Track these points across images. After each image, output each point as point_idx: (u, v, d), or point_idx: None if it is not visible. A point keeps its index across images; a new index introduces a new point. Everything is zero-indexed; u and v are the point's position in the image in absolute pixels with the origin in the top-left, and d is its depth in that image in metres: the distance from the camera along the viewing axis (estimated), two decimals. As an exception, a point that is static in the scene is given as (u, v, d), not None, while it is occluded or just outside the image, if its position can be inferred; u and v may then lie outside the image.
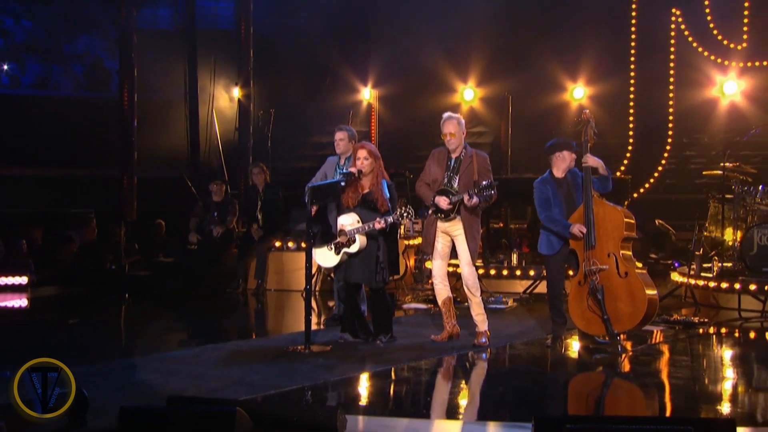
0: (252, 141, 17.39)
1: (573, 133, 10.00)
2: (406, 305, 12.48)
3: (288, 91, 19.05)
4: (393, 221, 9.02)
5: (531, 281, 13.47)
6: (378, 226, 9.01)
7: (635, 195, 16.66)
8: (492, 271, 13.80)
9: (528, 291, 13.39)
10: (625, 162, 17.49)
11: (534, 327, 10.79)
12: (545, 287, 10.21)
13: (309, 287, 9.44)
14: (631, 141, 17.72)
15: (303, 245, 11.56)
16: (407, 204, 9.22)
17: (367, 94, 19.45)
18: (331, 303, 11.54)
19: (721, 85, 17.29)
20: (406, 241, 13.75)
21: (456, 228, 9.33)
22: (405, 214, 8.94)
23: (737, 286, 11.86)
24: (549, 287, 9.77)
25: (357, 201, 9.26)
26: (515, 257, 14.01)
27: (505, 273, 13.82)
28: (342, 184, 9.29)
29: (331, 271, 10.28)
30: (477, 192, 9.00)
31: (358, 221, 9.13)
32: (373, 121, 19.43)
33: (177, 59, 19.37)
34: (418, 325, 10.68)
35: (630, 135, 17.74)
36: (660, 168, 17.60)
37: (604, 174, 9.16)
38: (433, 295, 9.96)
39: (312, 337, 9.14)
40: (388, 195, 9.22)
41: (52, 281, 14.83)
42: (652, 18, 17.57)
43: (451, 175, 9.30)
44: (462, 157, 9.31)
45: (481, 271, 13.01)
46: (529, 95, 18.07)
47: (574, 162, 9.35)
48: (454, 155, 9.33)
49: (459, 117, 9.42)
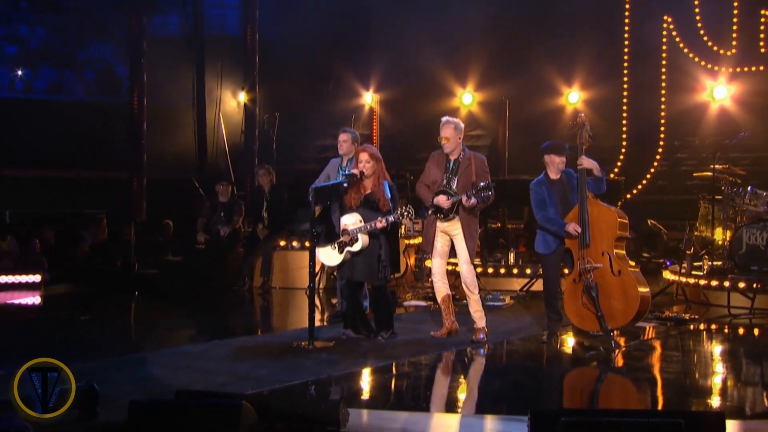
0: (257, 143, 17.39)
1: (569, 136, 9.99)
2: (406, 302, 12.48)
3: (292, 96, 19.05)
4: (394, 220, 9.02)
5: (527, 279, 13.46)
6: (379, 225, 9.02)
7: (628, 196, 16.61)
8: (490, 270, 13.79)
9: (524, 289, 13.40)
10: (619, 164, 17.48)
11: (530, 323, 10.78)
12: (541, 285, 10.23)
13: (312, 285, 9.44)
14: (625, 144, 17.71)
15: (307, 244, 11.54)
16: (407, 204, 9.22)
17: (369, 98, 19.46)
18: (334, 300, 11.55)
19: (711, 90, 17.27)
20: (406, 240, 13.75)
21: (455, 228, 9.33)
22: (405, 213, 8.94)
23: (727, 284, 11.86)
24: (545, 285, 9.77)
25: (360, 201, 9.26)
26: (512, 256, 14.00)
27: (503, 271, 13.80)
28: (344, 185, 9.29)
29: (335, 270, 10.28)
30: (475, 193, 9.01)
31: (360, 221, 9.13)
32: (375, 125, 19.44)
33: (185, 65, 19.37)
34: (418, 322, 10.68)
35: (623, 138, 17.73)
36: (652, 170, 17.59)
37: (598, 175, 9.16)
38: (433, 293, 9.95)
39: (315, 334, 9.14)
40: (389, 195, 9.22)
41: (64, 279, 14.83)
42: (644, 25, 17.55)
43: (450, 177, 9.30)
44: (460, 160, 9.31)
45: (480, 270, 13.01)
46: (526, 99, 18.07)
47: (563, 164, 9.35)
48: (452, 157, 9.33)
49: (456, 121, 9.41)
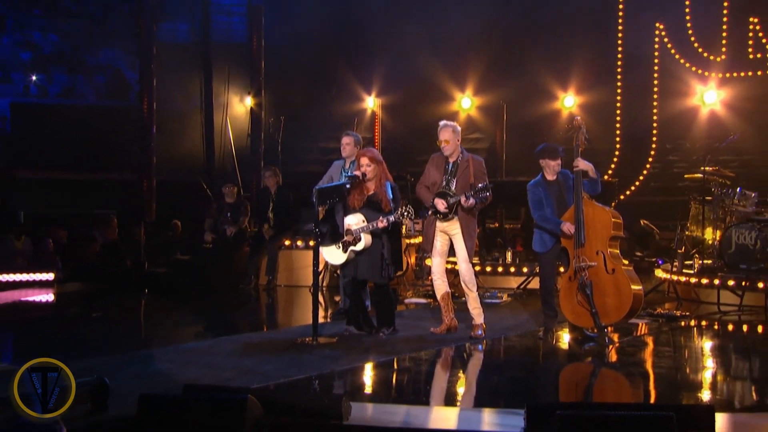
0: (263, 146, 17.38)
1: (565, 139, 10.00)
2: (407, 300, 12.48)
3: (297, 100, 19.06)
4: (394, 220, 9.02)
5: (524, 277, 13.47)
6: (381, 224, 9.03)
7: (622, 197, 16.65)
8: (488, 268, 13.79)
9: (521, 287, 13.40)
10: (613, 166, 17.49)
11: (527, 320, 10.79)
12: (538, 283, 10.22)
13: (316, 283, 9.45)
14: (618, 146, 17.72)
15: (311, 244, 11.55)
16: (407, 204, 9.23)
17: (371, 102, 19.47)
18: (337, 298, 11.55)
19: (702, 95, 17.29)
20: (407, 240, 13.75)
21: (454, 227, 9.34)
22: (405, 213, 8.95)
23: (716, 281, 11.88)
24: (541, 283, 9.78)
25: (362, 202, 9.27)
26: (510, 255, 14.01)
27: (500, 270, 13.81)
28: (347, 186, 9.29)
29: (338, 268, 10.29)
30: (473, 194, 9.02)
31: (363, 221, 9.14)
32: (377, 128, 19.45)
33: (193, 70, 19.38)
34: (418, 319, 10.67)
35: (617, 141, 17.74)
36: (645, 172, 17.60)
37: (593, 177, 9.16)
38: (433, 291, 9.95)
39: (319, 330, 9.14)
40: (391, 196, 9.22)
41: (76, 278, 14.84)
42: (637, 32, 17.57)
43: (449, 179, 9.31)
44: (459, 162, 9.32)
45: (478, 268, 13.01)
46: (523, 103, 18.08)
47: (558, 166, 9.35)
48: (451, 159, 9.34)
49: (454, 125, 9.43)
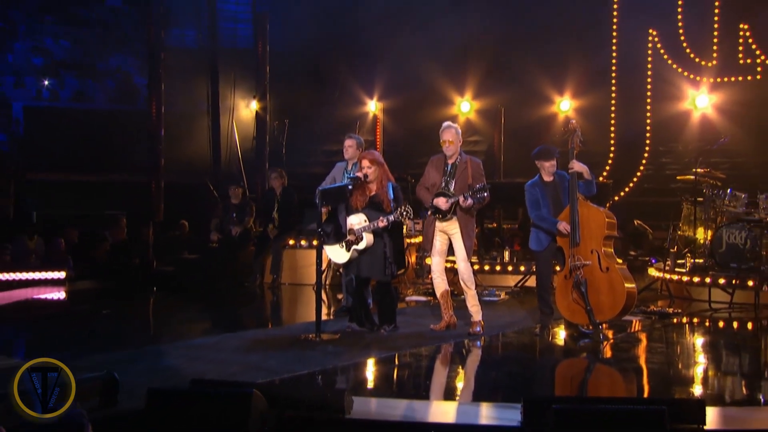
0: (268, 149, 17.39)
1: (561, 141, 10.00)
2: (408, 298, 12.47)
3: (301, 104, 19.04)
4: (394, 219, 9.04)
5: (521, 276, 13.47)
6: (381, 224, 9.04)
7: (616, 198, 16.64)
8: (486, 267, 13.80)
9: (519, 285, 13.40)
10: (607, 168, 17.47)
11: (524, 317, 10.79)
12: (534, 281, 10.24)
13: (319, 281, 9.45)
14: (613, 149, 17.70)
15: (314, 243, 11.57)
16: (406, 204, 9.23)
17: (373, 106, 19.46)
18: (340, 296, 11.55)
19: (694, 99, 17.27)
20: (408, 240, 13.73)
21: (453, 227, 9.35)
22: (404, 212, 8.97)
23: (708, 280, 11.87)
24: (538, 280, 9.81)
25: (365, 203, 9.28)
26: (507, 254, 14.01)
27: (498, 268, 13.82)
28: (349, 187, 9.30)
29: (341, 267, 10.31)
30: (471, 194, 9.03)
31: (365, 221, 9.15)
32: (378, 131, 19.44)
33: (200, 75, 19.38)
34: (418, 316, 10.68)
35: (611, 144, 17.72)
36: (639, 173, 17.58)
37: (588, 179, 9.17)
38: (433, 289, 9.96)
39: (322, 327, 9.15)
40: (392, 196, 9.24)
41: (87, 276, 14.83)
42: (631, 38, 17.55)
43: (448, 180, 9.32)
44: (458, 163, 9.33)
45: (476, 267, 13.00)
46: (520, 107, 18.07)
47: (554, 167, 9.37)
48: (450, 161, 9.36)
49: (457, 126, 9.47)
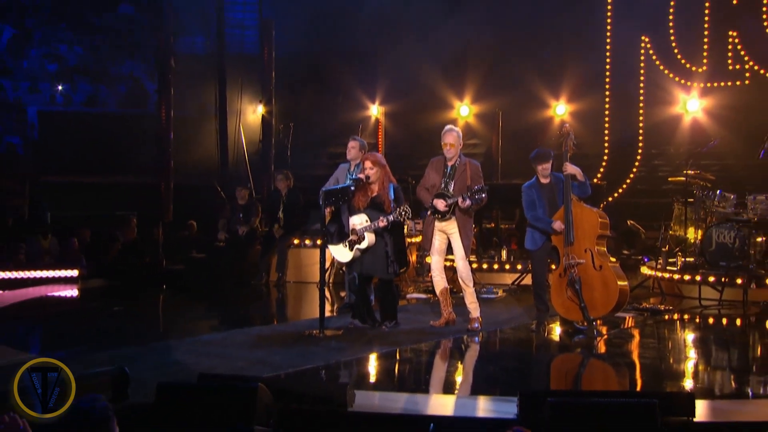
0: (274, 151, 17.38)
1: (555, 145, 10.01)
2: (408, 295, 12.47)
3: (305, 108, 19.04)
4: (393, 219, 9.05)
5: (518, 274, 13.47)
6: (381, 224, 9.05)
7: (610, 199, 16.63)
8: (484, 265, 13.81)
9: (515, 283, 13.40)
10: (601, 170, 17.44)
11: (521, 314, 10.80)
12: (531, 280, 10.24)
13: (323, 279, 9.46)
14: (607, 152, 17.68)
15: (318, 242, 11.57)
16: (407, 205, 9.23)
17: (375, 110, 19.45)
18: (343, 293, 11.56)
19: (685, 103, 17.24)
20: (409, 239, 13.73)
21: (452, 227, 9.35)
22: (403, 212, 8.98)
23: (698, 278, 11.86)
24: (533, 279, 9.82)
25: (367, 203, 9.28)
26: (504, 253, 14.02)
27: (496, 267, 13.83)
28: (352, 188, 9.30)
29: (344, 265, 10.31)
30: (470, 195, 9.04)
31: (367, 221, 9.15)
32: (380, 134, 19.43)
33: (208, 80, 19.37)
34: (419, 313, 10.68)
35: (605, 146, 17.70)
36: (632, 175, 17.56)
37: (582, 180, 9.18)
38: (433, 287, 9.97)
39: (326, 323, 9.17)
40: (393, 197, 9.24)
41: (99, 274, 14.87)
42: (624, 44, 17.52)
43: (448, 181, 9.32)
44: (457, 165, 9.34)
45: (475, 265, 12.98)
46: (518, 111, 18.04)
47: (549, 170, 9.38)
48: (450, 163, 9.36)
49: (458, 130, 9.49)
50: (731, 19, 16.55)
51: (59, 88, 20.00)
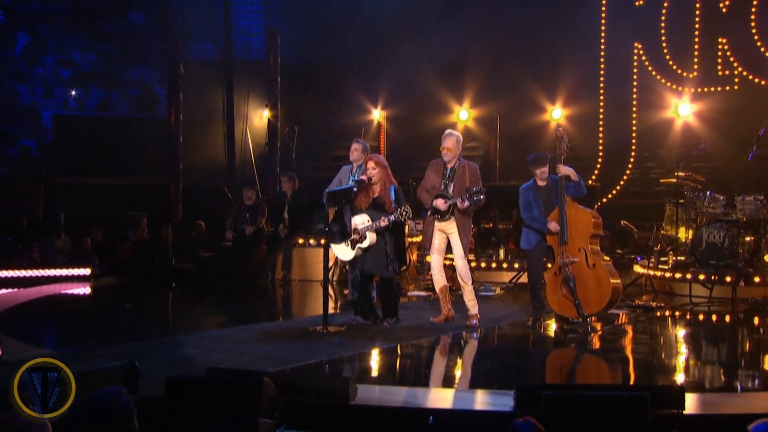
0: (279, 154, 17.38)
1: (550, 148, 10.02)
2: (409, 293, 12.49)
3: (310, 112, 19.06)
4: (394, 219, 9.06)
5: (515, 273, 13.47)
6: (382, 224, 9.06)
7: (604, 200, 16.63)
8: (482, 264, 13.81)
9: (513, 281, 13.40)
10: (596, 172, 17.45)
11: (517, 311, 10.80)
12: (527, 278, 10.24)
13: (326, 277, 9.47)
14: (601, 154, 17.69)
15: (322, 242, 11.58)
16: (407, 205, 9.24)
17: (377, 114, 19.45)
18: (346, 291, 11.58)
19: (676, 108, 17.25)
20: (409, 239, 13.76)
21: (451, 227, 9.36)
22: (404, 213, 8.99)
23: (689, 276, 11.88)
24: (529, 277, 9.82)
25: (368, 204, 9.29)
26: (502, 252, 14.02)
27: (494, 265, 13.84)
28: (354, 189, 9.31)
29: (347, 264, 10.32)
30: (468, 197, 9.05)
31: (368, 220, 9.16)
32: (382, 137, 19.43)
33: (216, 85, 19.40)
34: (419, 310, 10.69)
35: (600, 149, 17.71)
36: (625, 177, 17.57)
37: (576, 180, 9.18)
38: (433, 284, 9.98)
39: (329, 320, 9.17)
40: (393, 198, 9.25)
41: (110, 273, 14.89)
42: (618, 51, 17.53)
43: (447, 183, 9.34)
44: (456, 167, 9.35)
45: (473, 264, 13.01)
46: (515, 115, 18.06)
47: (545, 173, 9.37)
48: (449, 165, 9.37)
49: (458, 134, 9.50)
50: (721, 27, 16.56)
51: (73, 93, 19.98)
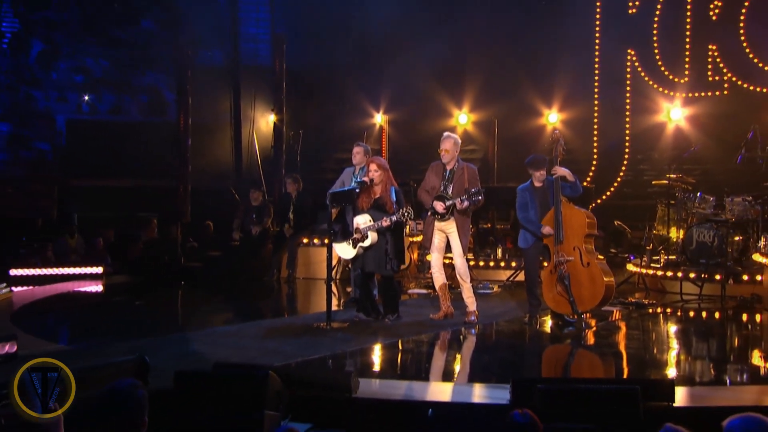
0: (285, 156, 17.40)
1: (546, 150, 10.02)
2: (410, 290, 12.51)
3: (314, 116, 19.05)
4: (396, 219, 9.07)
5: (512, 271, 13.49)
6: (384, 224, 9.07)
7: (599, 201, 16.63)
8: (481, 263, 13.83)
9: (510, 279, 13.42)
10: (591, 174, 17.43)
11: (514, 308, 10.82)
12: (524, 276, 10.26)
13: (330, 276, 9.48)
14: (596, 157, 17.67)
15: (325, 241, 11.59)
16: (408, 206, 9.26)
17: (379, 118, 19.44)
18: (349, 288, 11.59)
19: (668, 112, 17.23)
20: (410, 238, 13.78)
21: (450, 227, 9.38)
22: (405, 213, 9.01)
23: (680, 274, 11.89)
24: (526, 275, 9.84)
25: (370, 204, 9.31)
26: (500, 251, 14.04)
27: (492, 264, 13.85)
28: (356, 190, 9.33)
29: (350, 262, 10.33)
30: (467, 197, 9.07)
31: (370, 220, 9.18)
32: (384, 140, 19.43)
33: (224, 90, 19.39)
34: (419, 307, 10.71)
35: (594, 152, 17.69)
36: (619, 179, 17.54)
37: (572, 180, 9.20)
38: (432, 282, 9.99)
39: (332, 316, 9.19)
40: (395, 199, 9.27)
41: (122, 271, 14.92)
42: (612, 57, 17.52)
43: (446, 184, 9.35)
44: (455, 169, 9.36)
45: (472, 263, 13.01)
46: (512, 119, 18.05)
47: (543, 175, 9.39)
48: (449, 167, 9.39)
49: (456, 137, 9.51)
50: (711, 34, 16.56)
51: (86, 98, 19.95)
